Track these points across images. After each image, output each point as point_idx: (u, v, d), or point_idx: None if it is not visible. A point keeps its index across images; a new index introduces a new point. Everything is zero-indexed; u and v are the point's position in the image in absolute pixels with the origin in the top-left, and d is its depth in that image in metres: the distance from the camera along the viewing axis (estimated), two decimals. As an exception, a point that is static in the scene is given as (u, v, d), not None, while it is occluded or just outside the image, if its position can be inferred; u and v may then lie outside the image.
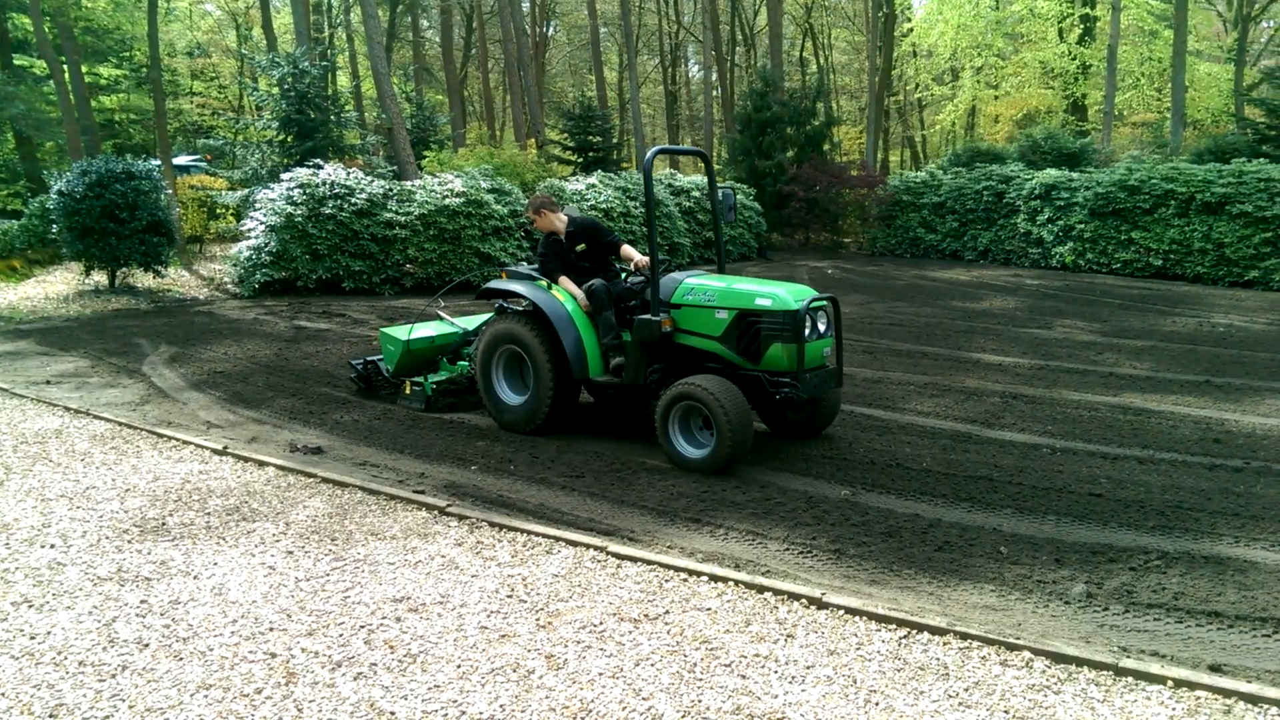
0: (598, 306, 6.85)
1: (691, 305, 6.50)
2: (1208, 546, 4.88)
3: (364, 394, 8.53)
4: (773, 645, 3.87)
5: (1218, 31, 34.82)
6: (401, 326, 8.63)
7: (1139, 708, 3.34)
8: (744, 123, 24.43)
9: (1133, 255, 18.05)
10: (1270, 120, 20.38)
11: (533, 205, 7.36)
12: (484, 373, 7.35)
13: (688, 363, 6.63)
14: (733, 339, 6.32)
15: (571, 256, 7.22)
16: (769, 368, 6.23)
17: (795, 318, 6.04)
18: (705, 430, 6.21)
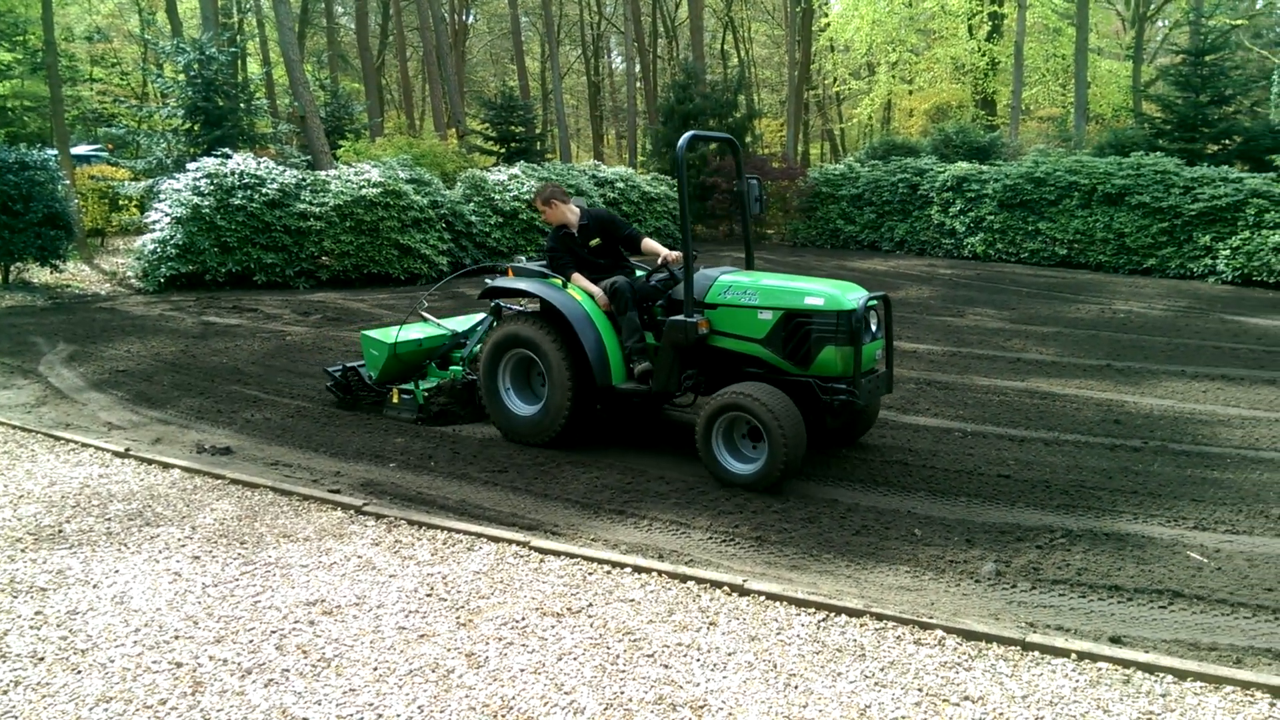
0: (621, 307, 6.25)
1: (730, 305, 5.93)
2: (1108, 524, 5.10)
3: (343, 404, 7.80)
4: (695, 634, 3.89)
5: (1117, 30, 36.37)
6: (385, 328, 7.90)
7: (1044, 680, 3.47)
8: (667, 115, 24.49)
9: (1039, 245, 18.74)
10: (1166, 115, 21.37)
11: (541, 195, 6.72)
12: (488, 380, 6.73)
13: (723, 368, 6.10)
14: (778, 342, 5.78)
15: (584, 252, 6.63)
16: (820, 373, 5.69)
17: (851, 318, 5.53)
18: (749, 442, 5.74)
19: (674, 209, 22.14)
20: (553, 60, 30.48)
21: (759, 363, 5.94)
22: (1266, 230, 15.65)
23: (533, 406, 6.64)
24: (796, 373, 5.78)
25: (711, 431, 5.70)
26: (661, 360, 6.09)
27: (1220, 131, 20.39)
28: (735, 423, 5.69)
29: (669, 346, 6.00)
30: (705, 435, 5.71)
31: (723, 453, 5.72)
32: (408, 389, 7.46)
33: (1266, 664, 3.57)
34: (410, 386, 7.47)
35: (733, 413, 5.60)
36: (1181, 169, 17.31)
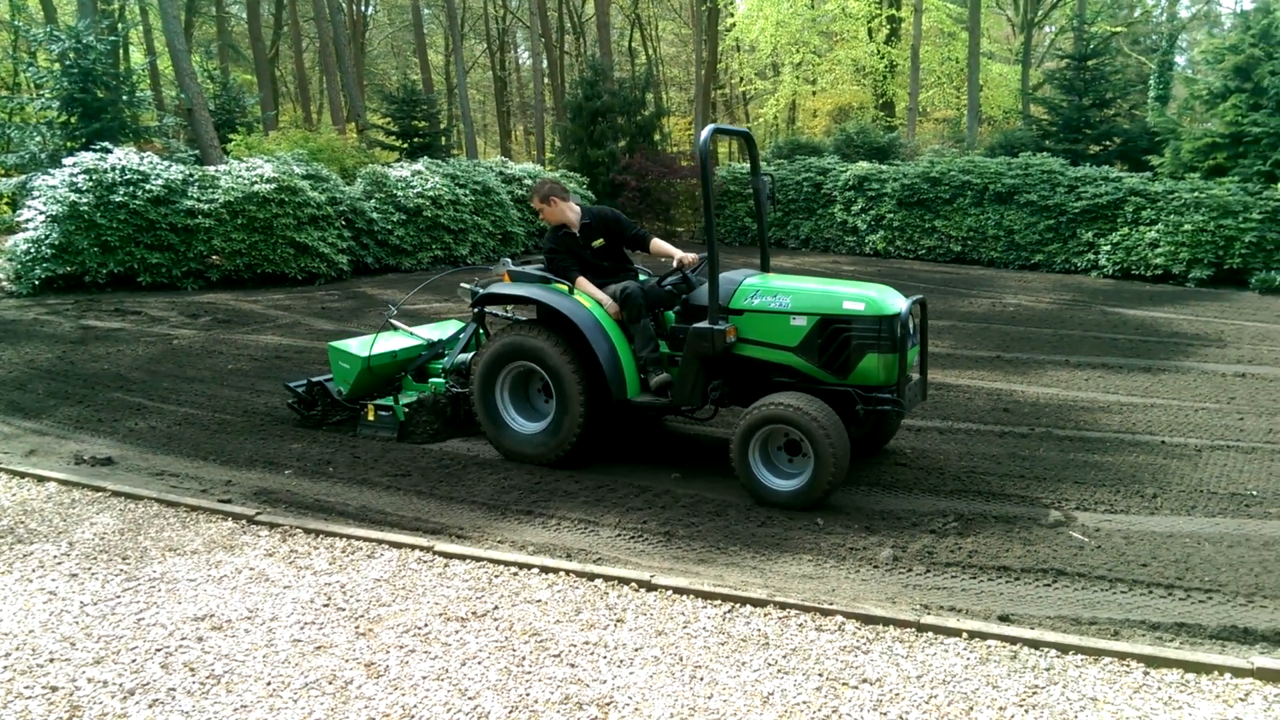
0: (634, 314, 5.80)
1: (758, 311, 5.55)
2: (997, 507, 5.32)
3: (307, 423, 7.10)
4: (602, 631, 3.87)
5: (1007, 35, 37.99)
6: (355, 339, 7.24)
7: (938, 660, 3.58)
8: (575, 111, 24.38)
9: (935, 242, 19.45)
10: (1052, 117, 22.43)
11: (538, 193, 6.18)
12: (485, 395, 6.18)
13: (749, 378, 5.76)
14: (813, 349, 5.42)
15: (587, 254, 6.14)
16: (860, 382, 5.37)
17: (894, 324, 5.26)
18: (787, 456, 5.41)
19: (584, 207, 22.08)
20: (457, 54, 29.97)
21: (791, 372, 5.58)
22: (1143, 226, 16.61)
23: (537, 423, 6.13)
24: (833, 382, 5.43)
25: (749, 446, 5.31)
26: (684, 371, 5.66)
27: (1101, 133, 21.54)
28: (772, 436, 5.35)
29: (692, 357, 5.59)
30: (742, 451, 5.31)
31: (761, 469, 5.35)
32: (386, 405, 6.82)
33: (1141, 635, 3.78)
34: (388, 402, 6.86)
35: (773, 425, 5.23)
36: (1066, 169, 18.22)
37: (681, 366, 5.68)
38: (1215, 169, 17.24)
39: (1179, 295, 14.55)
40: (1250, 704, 3.24)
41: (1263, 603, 4.07)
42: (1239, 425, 6.96)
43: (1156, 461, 6.13)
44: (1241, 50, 17.58)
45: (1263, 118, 16.50)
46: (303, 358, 9.72)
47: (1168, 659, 3.51)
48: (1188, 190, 16.31)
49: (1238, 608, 4.04)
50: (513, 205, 19.56)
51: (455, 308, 12.37)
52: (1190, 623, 3.87)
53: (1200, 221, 15.71)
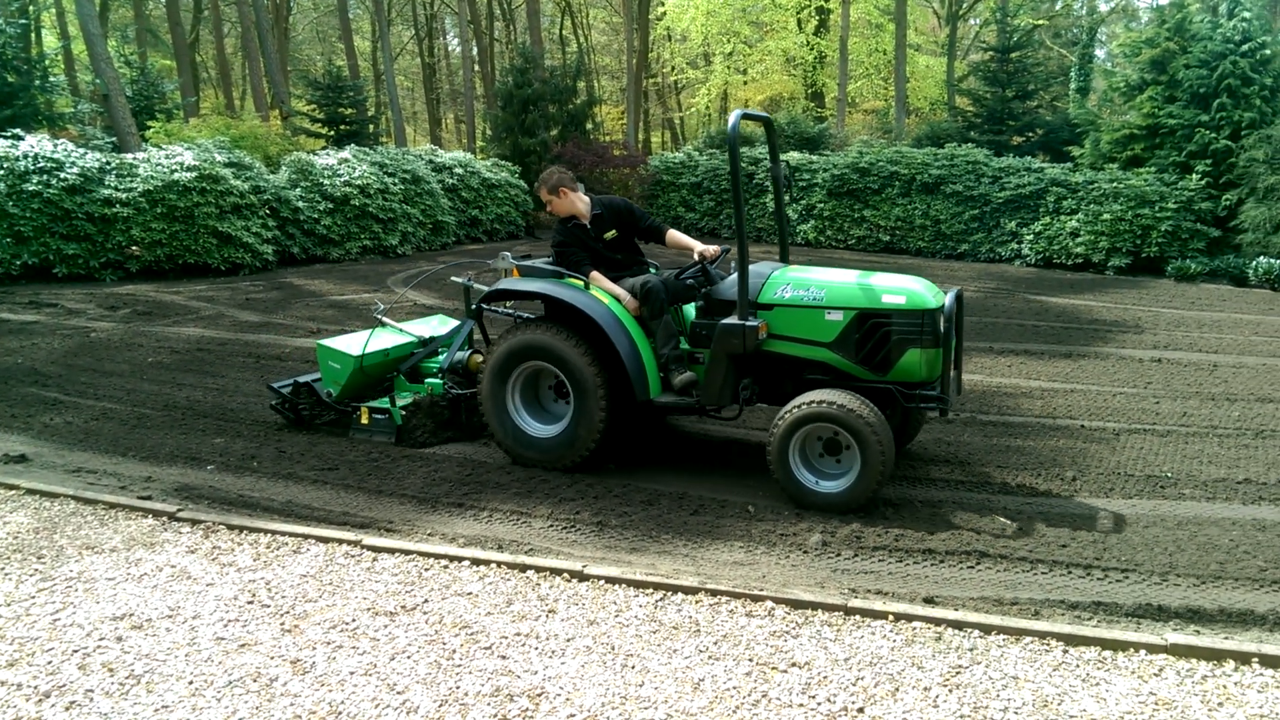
0: (655, 310, 5.54)
1: (790, 305, 5.31)
2: (923, 492, 5.45)
3: (292, 425, 6.73)
4: (534, 622, 3.85)
5: (933, 27, 38.78)
6: (345, 337, 6.85)
7: (865, 642, 3.65)
8: (505, 99, 24.10)
9: (865, 232, 19.80)
10: (976, 109, 23.01)
11: (546, 183, 5.84)
12: (495, 397, 5.82)
13: (779, 375, 5.56)
14: (850, 345, 5.22)
15: (599, 246, 5.85)
16: (900, 378, 5.18)
17: (936, 318, 5.09)
18: (828, 458, 5.19)
19: (516, 196, 21.87)
20: (384, 40, 29.35)
21: (825, 369, 5.35)
22: (1064, 216, 17.16)
23: (552, 426, 5.82)
24: (871, 379, 5.23)
25: (789, 447, 5.07)
26: (711, 370, 5.39)
27: (1024, 124, 22.18)
28: (809, 436, 5.13)
29: (721, 354, 5.32)
30: (782, 451, 5.07)
31: (802, 471, 5.13)
32: (381, 407, 6.43)
33: (1060, 614, 3.91)
34: (383, 404, 6.46)
35: (816, 424, 5.01)
36: (990, 159, 18.71)
37: (709, 365, 5.41)
38: (1133, 160, 17.90)
39: (1099, 283, 15.08)
40: (1164, 679, 3.38)
41: (1176, 581, 4.24)
42: (1155, 409, 7.25)
43: (1076, 445, 6.34)
44: (1157, 44, 18.27)
45: (1177, 110, 17.18)
46: (225, 350, 9.43)
47: (1086, 637, 3.64)
48: (1107, 181, 16.90)
49: (1153, 586, 4.20)
50: (443, 194, 19.28)
51: (406, 302, 12.14)
52: (1108, 601, 4.01)
53: (1119, 211, 16.30)
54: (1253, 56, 16.64)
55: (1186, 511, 5.13)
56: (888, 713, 3.16)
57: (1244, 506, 5.20)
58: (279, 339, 10.06)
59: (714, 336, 5.34)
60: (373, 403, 6.53)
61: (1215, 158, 16.59)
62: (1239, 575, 4.27)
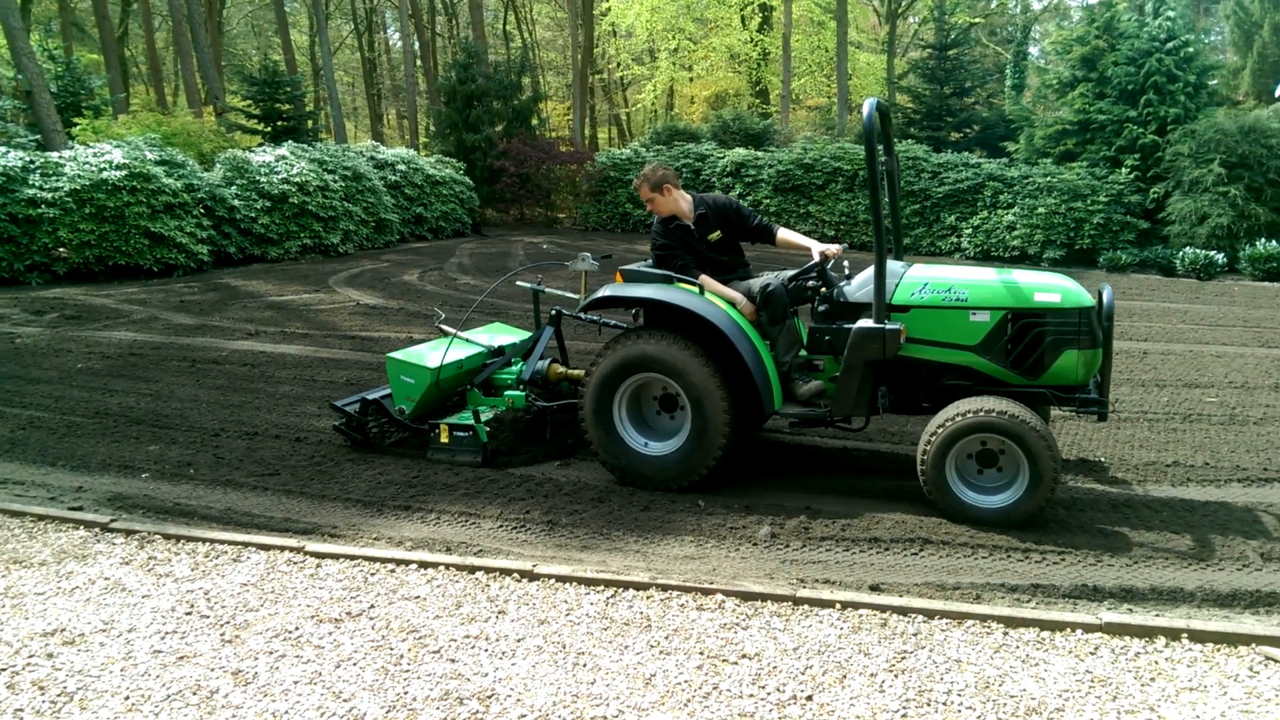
0: (776, 314, 5.24)
1: (928, 307, 4.97)
2: (868, 482, 5.53)
3: (358, 447, 6.17)
4: (484, 624, 3.81)
5: (874, 25, 39.34)
6: (414, 349, 6.38)
7: (813, 631, 3.69)
8: (449, 95, 23.85)
9: (811, 226, 20.02)
10: (916, 105, 23.44)
11: (649, 180, 5.47)
12: (599, 412, 5.42)
13: (912, 381, 5.25)
14: (998, 348, 4.92)
15: (703, 248, 5.53)
16: (1054, 382, 4.90)
17: (1092, 316, 4.81)
18: (983, 471, 4.89)
19: (462, 193, 21.65)
20: (321, 34, 28.78)
21: (968, 373, 5.05)
22: (1001, 210, 17.59)
23: (664, 443, 5.45)
24: (1021, 384, 4.93)
25: (946, 460, 4.75)
26: (846, 378, 5.03)
27: (962, 120, 22.68)
28: (963, 448, 4.82)
29: (858, 361, 4.97)
30: (938, 465, 4.74)
31: (960, 486, 4.82)
32: (463, 423, 5.89)
33: (1000, 598, 4.00)
34: (465, 420, 5.94)
35: (979, 435, 4.69)
36: (930, 155, 19.08)
37: (843, 372, 5.04)
38: (1066, 155, 18.42)
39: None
40: (1099, 657, 3.48)
41: (1110, 562, 4.36)
42: (1085, 395, 7.45)
43: (1013, 431, 6.48)
44: (1087, 42, 18.81)
45: (1107, 106, 17.72)
46: (159, 354, 9.16)
47: (1025, 619, 3.73)
48: (1041, 175, 17.37)
49: (1088, 567, 4.32)
50: (386, 192, 19.00)
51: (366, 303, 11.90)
52: (1045, 583, 4.11)
53: (1053, 205, 16.76)
54: (1177, 54, 17.24)
55: (1119, 493, 5.29)
56: (836, 700, 3.20)
57: (1173, 488, 5.39)
58: (215, 342, 9.81)
59: (849, 342, 4.96)
60: (453, 419, 6.02)
61: (1143, 152, 17.15)
62: (1169, 555, 4.41)
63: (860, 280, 5.22)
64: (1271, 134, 15.66)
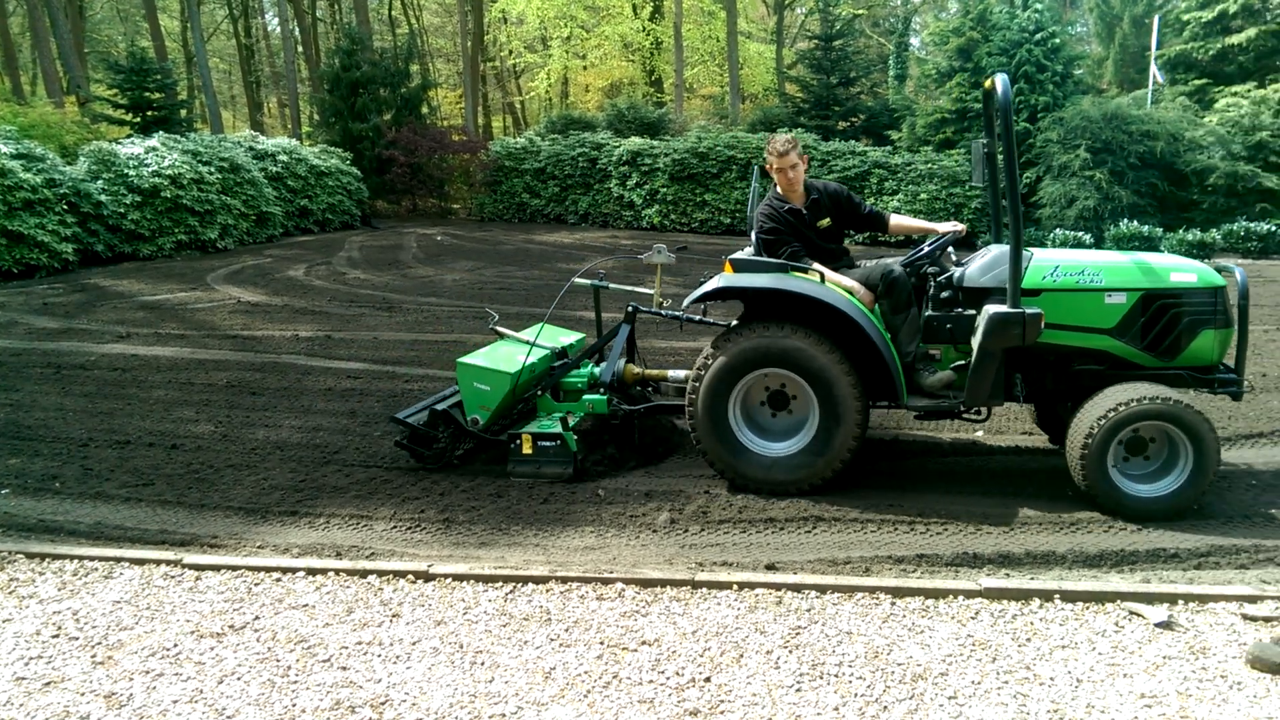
0: (900, 302, 5.00)
1: (1062, 290, 4.80)
2: (765, 463, 5.61)
3: (426, 466, 5.61)
4: (376, 629, 3.70)
5: (762, 15, 40.00)
6: (485, 352, 5.90)
7: (711, 613, 3.74)
8: (333, 82, 23.06)
9: (707, 215, 20.28)
10: (805, 95, 23.93)
11: (796, 146, 5.22)
12: (714, 412, 5.06)
13: (1041, 368, 5.06)
14: (1134, 330, 4.80)
15: (811, 235, 5.27)
16: (1190, 363, 4.81)
17: (1226, 295, 4.76)
18: (1129, 459, 4.72)
19: (349, 184, 20.98)
20: (194, 19, 27.33)
21: (1102, 357, 4.91)
22: (887, 196, 18.17)
23: (784, 443, 5.13)
24: (1157, 366, 4.82)
25: (1108, 451, 4.57)
26: (980, 367, 4.80)
27: (848, 109, 23.27)
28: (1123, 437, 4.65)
29: (995, 349, 4.74)
30: (1101, 457, 4.57)
31: (1116, 474, 4.64)
32: (549, 432, 5.44)
33: (888, 569, 4.14)
34: (547, 427, 5.50)
35: (1144, 424, 4.54)
36: (819, 143, 19.54)
37: (976, 361, 4.81)
38: (945, 142, 19.17)
39: (918, 257, 16.03)
40: (980, 621, 3.63)
41: (989, 530, 4.57)
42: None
43: (896, 413, 6.69)
44: (963, 33, 19.60)
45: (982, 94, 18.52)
46: (20, 361, 8.56)
47: (911, 589, 3.86)
48: (923, 162, 18.02)
49: (969, 536, 4.51)
50: (267, 183, 18.24)
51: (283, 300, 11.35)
52: (930, 554, 4.27)
53: (934, 190, 17.42)
54: (1045, 45, 18.14)
55: (997, 465, 5.55)
56: (733, 679, 3.25)
57: (1046, 458, 5.68)
58: (83, 346, 9.22)
59: (984, 329, 4.71)
60: (533, 427, 5.54)
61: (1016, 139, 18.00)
62: (1043, 521, 4.65)
63: (983, 264, 5.03)
64: (1132, 121, 16.66)
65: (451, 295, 12.39)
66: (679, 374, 5.91)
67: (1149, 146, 16.45)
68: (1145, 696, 3.09)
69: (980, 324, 4.75)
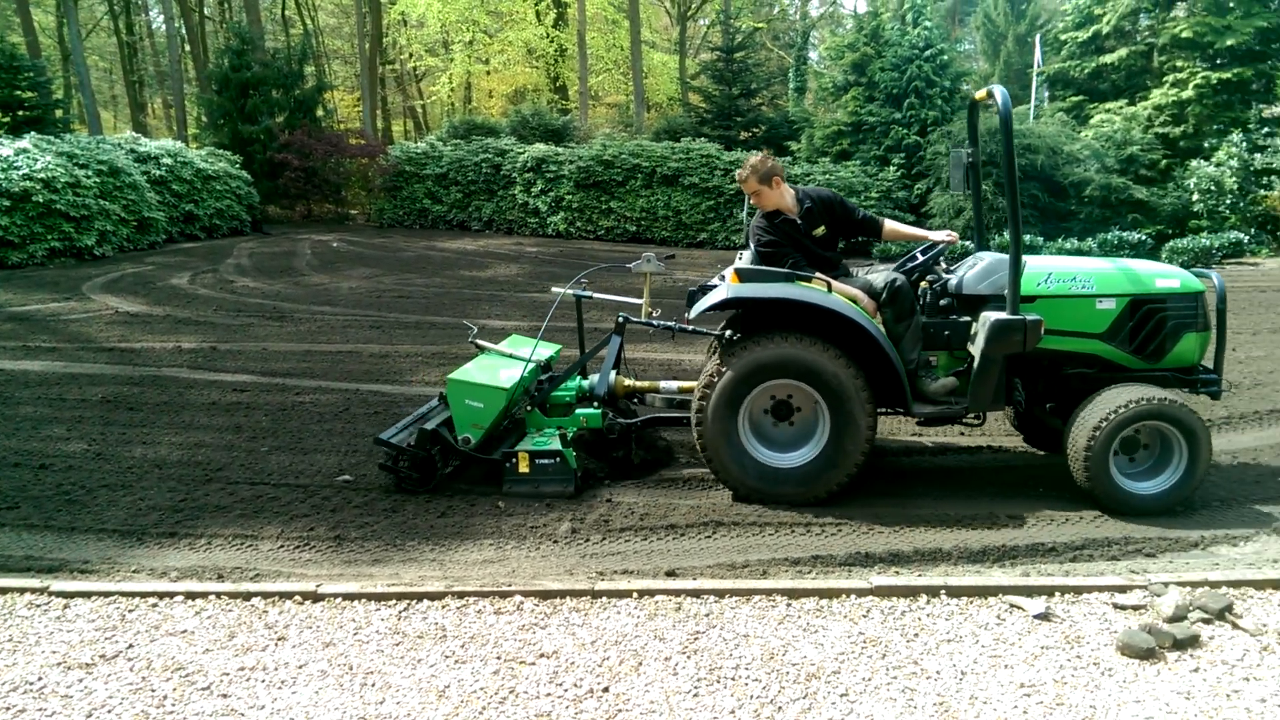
0: (903, 310, 5.05)
1: (1055, 296, 4.98)
2: (669, 471, 5.64)
3: (412, 490, 5.28)
4: (261, 654, 3.54)
5: (666, 25, 40.44)
6: (474, 366, 5.69)
7: (611, 622, 3.71)
8: (222, 83, 22.18)
9: (613, 222, 20.32)
10: (708, 105, 24.26)
11: (758, 172, 5.23)
12: (723, 423, 4.97)
13: (1035, 373, 5.25)
14: (1123, 334, 5.02)
15: (808, 243, 5.32)
16: (1174, 364, 5.05)
17: (1205, 300, 5.02)
18: (1122, 458, 4.87)
19: (239, 188, 20.21)
20: (70, 15, 25.85)
21: (1093, 361, 5.12)
22: (785, 204, 18.59)
23: (793, 454, 5.08)
24: (1144, 368, 5.05)
25: (1110, 450, 4.73)
26: (983, 372, 4.91)
27: (750, 120, 23.71)
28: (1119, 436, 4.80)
29: (997, 355, 4.86)
30: (1105, 455, 4.72)
31: (1115, 472, 4.79)
32: (548, 449, 5.29)
33: (785, 571, 4.20)
34: (542, 444, 5.35)
35: (1143, 424, 4.73)
36: (721, 153, 19.85)
37: (980, 367, 4.92)
38: (842, 153, 19.75)
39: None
40: (871, 619, 3.72)
41: (880, 529, 4.70)
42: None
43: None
44: (857, 48, 20.25)
45: (876, 109, 19.15)
46: None
47: (806, 589, 3.93)
48: (821, 172, 18.50)
49: (861, 536, 4.62)
50: (149, 187, 17.38)
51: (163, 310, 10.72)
52: (824, 554, 4.36)
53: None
54: (934, 61, 18.90)
55: (889, 466, 5.72)
56: (631, 688, 3.23)
57: (933, 457, 5.88)
58: (-57, 360, 8.58)
59: (987, 335, 4.83)
60: (530, 444, 5.38)
61: (908, 151, 18.67)
62: (931, 519, 4.81)
63: (980, 272, 5.17)
64: (1014, 135, 17.50)
65: (347, 304, 12.05)
66: (671, 385, 5.89)
67: (1030, 159, 17.30)
68: (1024, 686, 3.22)
69: (983, 331, 4.87)
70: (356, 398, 7.37)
